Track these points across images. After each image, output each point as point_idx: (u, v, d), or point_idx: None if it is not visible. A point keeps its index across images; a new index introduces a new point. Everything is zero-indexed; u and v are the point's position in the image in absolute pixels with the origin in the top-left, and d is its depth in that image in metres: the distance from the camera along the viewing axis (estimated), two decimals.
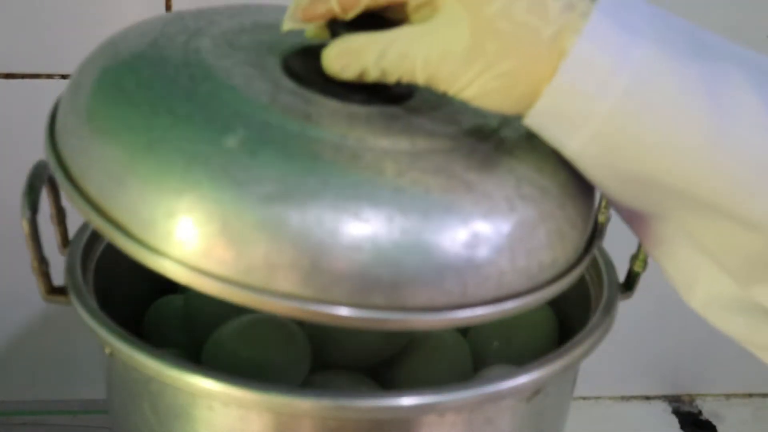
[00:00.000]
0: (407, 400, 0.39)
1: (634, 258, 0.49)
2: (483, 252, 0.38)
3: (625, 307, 0.48)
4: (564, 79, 0.36)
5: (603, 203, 0.52)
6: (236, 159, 0.36)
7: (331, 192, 0.36)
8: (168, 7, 0.65)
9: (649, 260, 0.49)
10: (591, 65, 0.36)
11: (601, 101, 0.36)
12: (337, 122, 0.39)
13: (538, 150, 0.40)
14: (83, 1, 0.65)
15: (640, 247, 0.49)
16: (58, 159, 0.41)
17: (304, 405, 0.39)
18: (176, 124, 0.38)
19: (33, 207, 0.42)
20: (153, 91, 0.39)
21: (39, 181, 0.43)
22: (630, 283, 0.50)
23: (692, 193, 0.37)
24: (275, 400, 0.38)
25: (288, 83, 0.42)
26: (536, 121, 0.38)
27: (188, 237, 0.36)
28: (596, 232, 0.45)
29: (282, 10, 0.45)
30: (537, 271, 0.39)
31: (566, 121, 0.37)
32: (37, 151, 0.53)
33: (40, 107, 0.70)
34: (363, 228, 0.36)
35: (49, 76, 0.66)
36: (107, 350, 0.42)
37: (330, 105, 0.40)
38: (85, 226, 0.50)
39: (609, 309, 0.46)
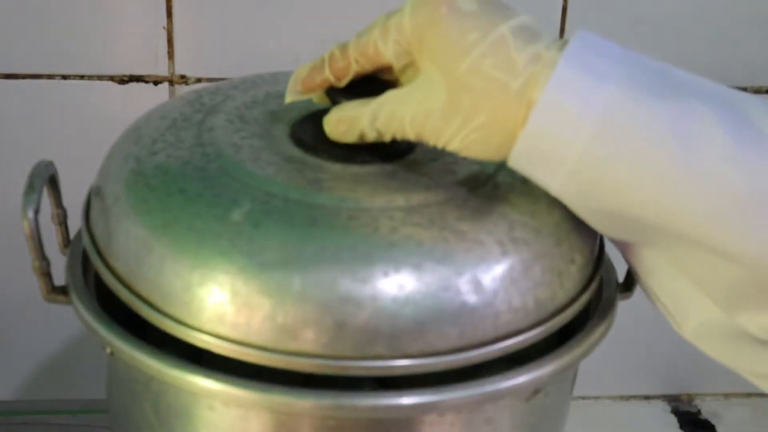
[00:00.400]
0: (407, 400, 0.41)
1: None
2: (477, 296, 0.41)
3: (624, 307, 0.48)
4: (534, 126, 0.40)
5: None
6: (241, 231, 0.41)
7: (328, 255, 0.40)
8: (169, 9, 0.65)
9: None
10: (559, 112, 0.39)
11: (572, 145, 0.39)
12: (337, 186, 0.44)
13: (533, 192, 0.44)
14: (84, 2, 0.65)
15: None
16: (92, 239, 0.46)
17: (304, 404, 0.40)
18: (188, 204, 0.43)
19: (34, 207, 0.44)
20: (168, 173, 0.44)
21: (40, 181, 0.43)
22: (629, 283, 0.50)
23: (668, 227, 0.40)
24: (275, 399, 0.40)
25: (294, 151, 0.46)
26: (517, 164, 0.41)
27: (203, 307, 0.41)
28: (601, 262, 0.48)
29: None
30: (534, 307, 0.43)
31: (543, 163, 0.40)
32: (38, 150, 0.53)
33: (41, 108, 0.70)
34: (360, 286, 0.40)
35: (50, 77, 0.67)
36: (108, 350, 0.43)
37: (332, 169, 0.45)
38: None
39: (608, 309, 0.47)
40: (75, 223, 0.51)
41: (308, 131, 0.47)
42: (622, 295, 0.50)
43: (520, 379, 0.42)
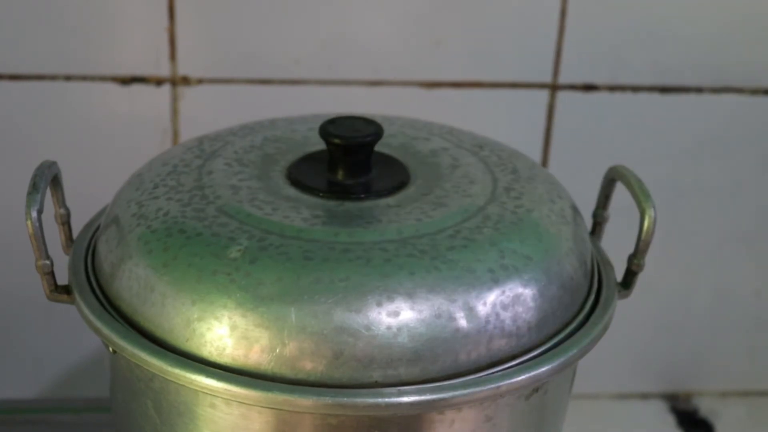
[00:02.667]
0: (407, 398, 0.41)
1: (631, 257, 0.49)
2: (469, 322, 0.43)
3: (622, 306, 0.48)
4: None
5: (601, 203, 0.52)
6: (239, 267, 0.43)
7: (322, 287, 0.42)
8: (171, 10, 0.65)
9: (647, 259, 0.49)
10: None
11: None
12: (331, 221, 0.46)
13: (523, 222, 0.46)
14: (86, 4, 0.65)
15: (637, 246, 0.49)
16: (98, 282, 0.47)
17: (305, 403, 0.41)
18: (187, 243, 0.44)
19: (37, 207, 0.45)
20: (168, 215, 0.46)
21: (43, 181, 0.43)
22: (627, 282, 0.50)
23: None
24: (277, 398, 0.41)
25: (290, 191, 0.48)
26: None
27: (203, 341, 0.42)
28: (595, 287, 0.49)
29: (291, 122, 0.53)
30: (527, 332, 0.44)
31: None
32: (41, 151, 0.53)
33: (44, 108, 0.70)
34: (353, 316, 0.42)
35: (53, 78, 0.67)
36: (110, 348, 0.43)
37: (326, 206, 0.47)
38: (89, 226, 0.50)
39: (607, 307, 0.48)
40: (78, 223, 0.52)
41: (304, 172, 0.49)
42: (620, 294, 0.51)
43: (520, 377, 0.43)
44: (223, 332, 0.42)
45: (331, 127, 0.48)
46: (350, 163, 0.49)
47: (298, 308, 0.41)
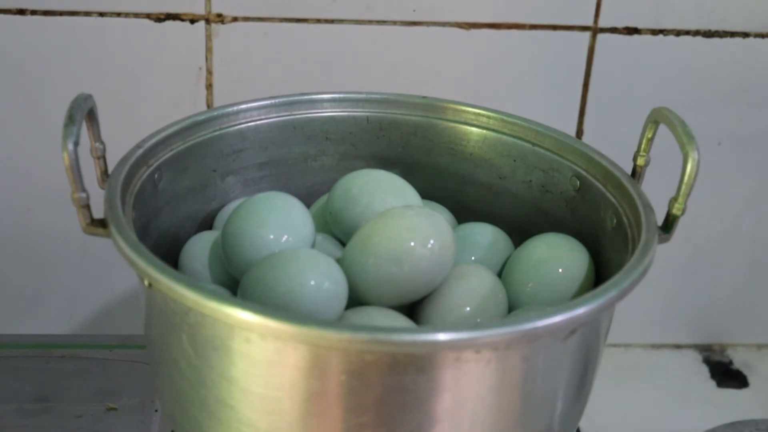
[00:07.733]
0: (444, 336, 0.40)
1: (672, 200, 0.49)
2: None
3: (658, 255, 0.48)
4: None
5: (643, 146, 0.51)
6: None
7: None
8: None
9: (687, 205, 0.48)
10: None
11: None
12: None
13: None
14: None
15: (679, 189, 0.48)
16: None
17: (341, 338, 0.40)
18: None
19: (74, 139, 0.45)
20: None
21: (79, 114, 0.42)
22: (668, 226, 0.49)
23: None
24: (312, 333, 0.39)
25: None
26: None
27: None
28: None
29: None
30: None
31: None
32: (75, 87, 0.53)
33: (78, 45, 0.70)
34: None
35: (87, 14, 0.66)
36: (146, 282, 0.42)
37: None
38: (124, 160, 0.50)
39: (647, 250, 0.48)
40: (112, 159, 0.51)
41: None
42: (660, 238, 0.50)
43: (558, 318, 0.42)
44: None
45: None
46: None
47: None
